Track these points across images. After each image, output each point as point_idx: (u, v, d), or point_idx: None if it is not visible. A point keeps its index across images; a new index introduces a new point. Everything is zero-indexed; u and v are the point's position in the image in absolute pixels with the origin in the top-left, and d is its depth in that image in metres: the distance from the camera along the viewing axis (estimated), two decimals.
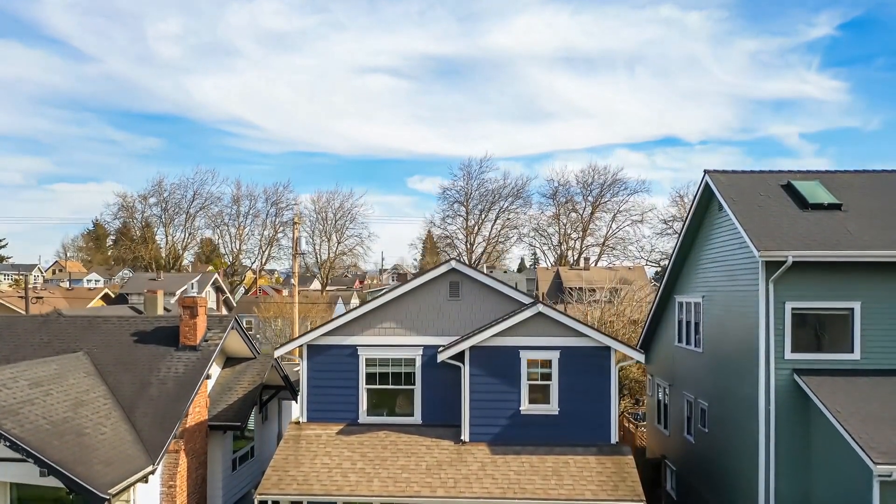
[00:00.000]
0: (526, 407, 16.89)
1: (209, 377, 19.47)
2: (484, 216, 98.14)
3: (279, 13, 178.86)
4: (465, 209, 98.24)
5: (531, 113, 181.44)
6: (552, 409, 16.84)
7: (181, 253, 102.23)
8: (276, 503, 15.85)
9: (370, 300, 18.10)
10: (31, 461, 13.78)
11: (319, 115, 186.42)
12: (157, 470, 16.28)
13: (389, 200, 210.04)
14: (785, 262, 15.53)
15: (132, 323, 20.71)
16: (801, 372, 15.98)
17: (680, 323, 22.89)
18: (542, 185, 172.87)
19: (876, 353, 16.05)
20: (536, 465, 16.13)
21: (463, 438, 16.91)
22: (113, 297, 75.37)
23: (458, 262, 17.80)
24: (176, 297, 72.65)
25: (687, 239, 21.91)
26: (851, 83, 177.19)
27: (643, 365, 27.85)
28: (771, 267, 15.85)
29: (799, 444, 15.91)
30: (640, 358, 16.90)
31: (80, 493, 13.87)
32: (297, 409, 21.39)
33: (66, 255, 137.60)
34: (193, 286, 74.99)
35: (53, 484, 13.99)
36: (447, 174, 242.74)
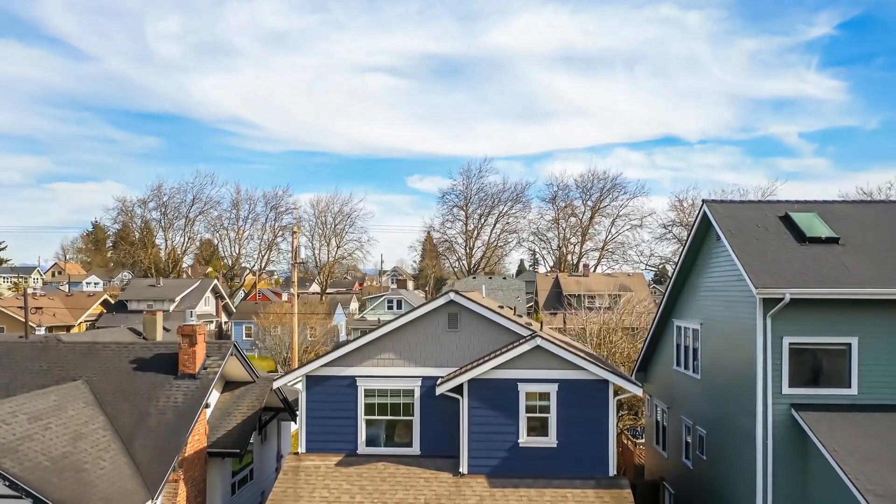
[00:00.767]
0: (524, 440, 16.93)
1: (208, 406, 19.51)
2: (483, 220, 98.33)
3: (279, 12, 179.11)
4: (464, 213, 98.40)
5: (531, 112, 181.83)
6: (550, 441, 16.88)
7: (180, 257, 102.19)
8: None
9: (369, 331, 18.14)
10: (30, 501, 13.81)
11: (319, 114, 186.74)
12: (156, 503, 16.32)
13: (389, 199, 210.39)
14: (782, 299, 15.57)
15: (131, 350, 20.74)
16: (798, 407, 16.02)
17: (678, 347, 22.93)
18: (541, 189, 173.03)
19: (873, 388, 16.10)
20: (535, 498, 16.17)
21: (461, 471, 16.94)
22: (112, 302, 75.45)
23: (456, 293, 17.83)
24: (175, 303, 72.72)
25: (687, 261, 21.92)
26: (851, 83, 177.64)
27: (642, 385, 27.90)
28: (769, 303, 15.90)
29: (797, 479, 15.94)
30: (637, 391, 16.93)
31: None
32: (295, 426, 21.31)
33: (65, 257, 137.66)
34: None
35: None
36: (446, 174, 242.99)
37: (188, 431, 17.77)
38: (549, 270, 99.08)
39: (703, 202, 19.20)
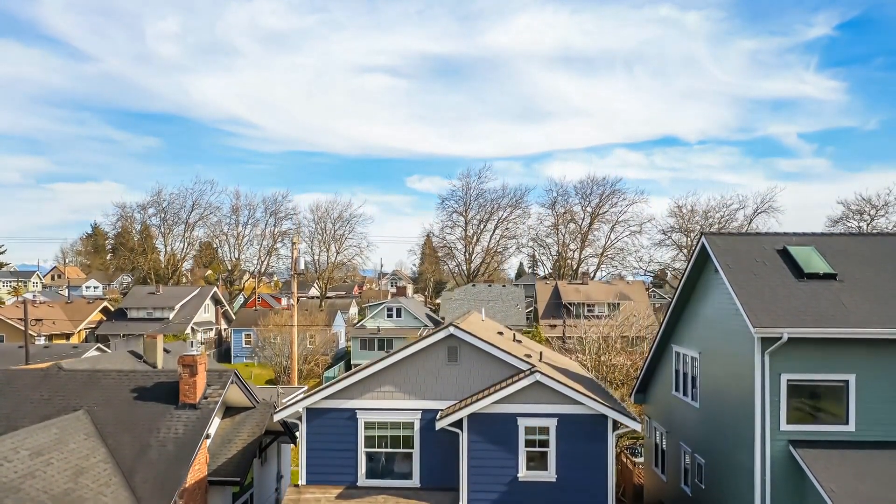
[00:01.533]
0: (524, 474, 17.01)
1: (209, 437, 19.57)
2: (483, 226, 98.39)
3: (278, 13, 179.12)
4: (464, 219, 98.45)
5: (530, 112, 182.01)
6: (549, 476, 16.96)
7: (180, 263, 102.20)
8: None
9: (370, 364, 18.20)
10: None
11: (318, 114, 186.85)
12: None
13: (388, 200, 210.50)
14: (780, 338, 15.66)
15: (132, 378, 20.78)
16: (796, 443, 16.10)
17: (677, 373, 23.01)
18: (540, 194, 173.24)
19: (871, 425, 16.18)
20: None
21: None
22: (112, 310, 75.43)
23: (456, 328, 17.90)
24: (175, 311, 72.75)
25: (686, 289, 21.99)
26: (850, 83, 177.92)
27: (640, 405, 28.02)
28: (767, 341, 15.98)
29: None
30: (637, 427, 17.00)
31: None
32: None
33: (65, 260, 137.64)
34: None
35: None
36: (446, 174, 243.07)
37: (189, 463, 17.83)
38: (547, 275, 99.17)
39: (701, 234, 19.29)
